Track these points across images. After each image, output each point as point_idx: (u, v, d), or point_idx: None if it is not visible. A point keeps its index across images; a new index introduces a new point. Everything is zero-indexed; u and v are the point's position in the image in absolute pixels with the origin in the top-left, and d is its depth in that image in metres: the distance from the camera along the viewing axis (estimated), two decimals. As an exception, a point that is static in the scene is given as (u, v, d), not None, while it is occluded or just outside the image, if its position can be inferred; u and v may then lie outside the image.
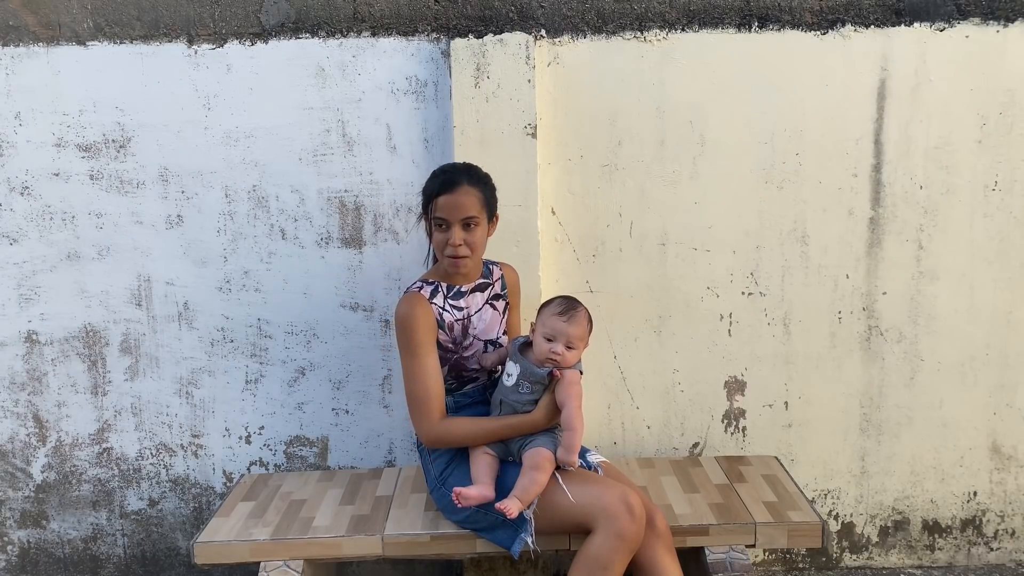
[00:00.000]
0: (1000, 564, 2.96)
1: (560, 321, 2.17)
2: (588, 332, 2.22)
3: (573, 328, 2.17)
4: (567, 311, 2.19)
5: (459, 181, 2.21)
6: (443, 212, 2.20)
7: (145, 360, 2.83)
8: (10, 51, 2.67)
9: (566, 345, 2.16)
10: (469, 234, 2.23)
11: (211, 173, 2.73)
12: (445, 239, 2.22)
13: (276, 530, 2.34)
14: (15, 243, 2.77)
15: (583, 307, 2.23)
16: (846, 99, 2.71)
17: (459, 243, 2.21)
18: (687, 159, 2.73)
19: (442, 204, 2.20)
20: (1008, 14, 2.67)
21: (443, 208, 2.20)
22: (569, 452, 2.11)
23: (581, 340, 2.19)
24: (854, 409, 2.87)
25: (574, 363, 2.19)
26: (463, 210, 2.20)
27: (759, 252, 2.78)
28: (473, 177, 2.25)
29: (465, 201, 2.20)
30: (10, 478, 2.89)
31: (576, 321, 2.18)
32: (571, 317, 2.18)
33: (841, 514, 2.94)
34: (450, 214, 2.20)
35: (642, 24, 2.67)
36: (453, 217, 2.20)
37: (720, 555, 2.30)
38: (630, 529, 2.02)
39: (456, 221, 2.20)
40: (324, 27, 2.67)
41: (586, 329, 2.21)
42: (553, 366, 2.16)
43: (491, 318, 2.38)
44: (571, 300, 2.24)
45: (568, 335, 2.16)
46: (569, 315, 2.18)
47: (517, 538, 2.12)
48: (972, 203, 2.76)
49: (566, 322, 2.17)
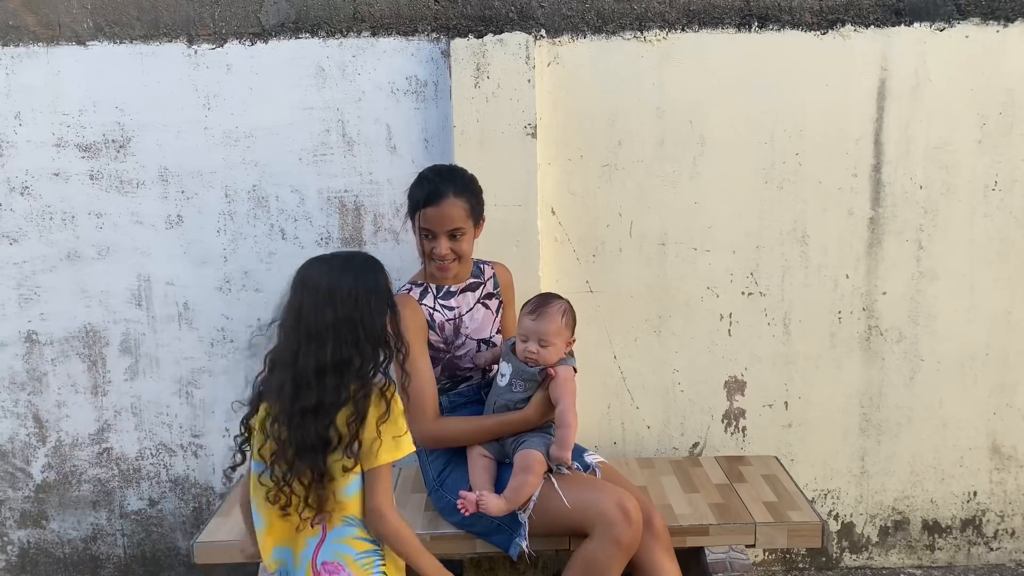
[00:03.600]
0: (1000, 564, 2.96)
1: (529, 320, 2.17)
2: (566, 326, 2.18)
3: (542, 325, 2.15)
4: (535, 309, 2.18)
5: (445, 193, 2.20)
6: (429, 224, 2.22)
7: (145, 360, 2.83)
8: (10, 51, 2.67)
9: (539, 343, 2.14)
10: (456, 243, 2.25)
11: (211, 173, 2.73)
12: (431, 247, 2.24)
13: (276, 530, 2.34)
14: (15, 243, 2.77)
15: (558, 302, 2.19)
16: (846, 99, 2.70)
17: (445, 253, 2.24)
18: (687, 159, 2.73)
19: (429, 216, 2.21)
20: (1008, 14, 2.67)
21: (429, 220, 2.21)
22: (563, 448, 2.11)
23: (556, 336, 2.15)
24: (854, 409, 2.87)
25: (556, 360, 2.17)
26: (449, 222, 2.21)
27: (759, 252, 2.78)
28: (459, 187, 2.24)
29: (451, 213, 2.21)
30: (10, 478, 2.89)
31: (545, 318, 2.15)
32: (539, 315, 2.16)
33: (841, 514, 2.94)
34: (436, 226, 2.21)
35: (642, 24, 2.67)
36: (439, 229, 2.22)
37: (720, 555, 2.30)
38: (626, 535, 2.02)
39: (442, 232, 2.22)
40: (324, 27, 2.67)
41: (558, 324, 2.16)
42: (535, 365, 2.16)
43: (483, 317, 2.38)
44: (543, 297, 2.23)
45: (539, 332, 2.15)
46: (537, 313, 2.17)
47: (512, 541, 2.12)
48: (972, 203, 2.76)
49: (535, 320, 2.16)
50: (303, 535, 1.80)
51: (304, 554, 1.80)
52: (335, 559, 1.79)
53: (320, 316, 1.70)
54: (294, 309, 1.73)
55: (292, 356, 1.71)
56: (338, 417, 1.71)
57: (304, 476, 1.72)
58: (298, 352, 1.70)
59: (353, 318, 1.71)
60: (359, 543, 1.80)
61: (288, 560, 1.83)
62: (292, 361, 1.71)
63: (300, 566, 1.80)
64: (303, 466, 1.70)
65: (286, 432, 1.71)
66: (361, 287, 1.73)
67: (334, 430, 1.71)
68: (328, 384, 1.70)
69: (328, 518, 1.78)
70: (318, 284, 1.72)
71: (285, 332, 1.74)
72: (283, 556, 1.84)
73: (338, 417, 1.71)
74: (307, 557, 1.80)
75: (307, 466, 1.70)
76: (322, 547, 1.80)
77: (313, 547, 1.80)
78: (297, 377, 1.70)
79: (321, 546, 1.80)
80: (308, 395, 1.70)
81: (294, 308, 1.73)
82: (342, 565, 1.78)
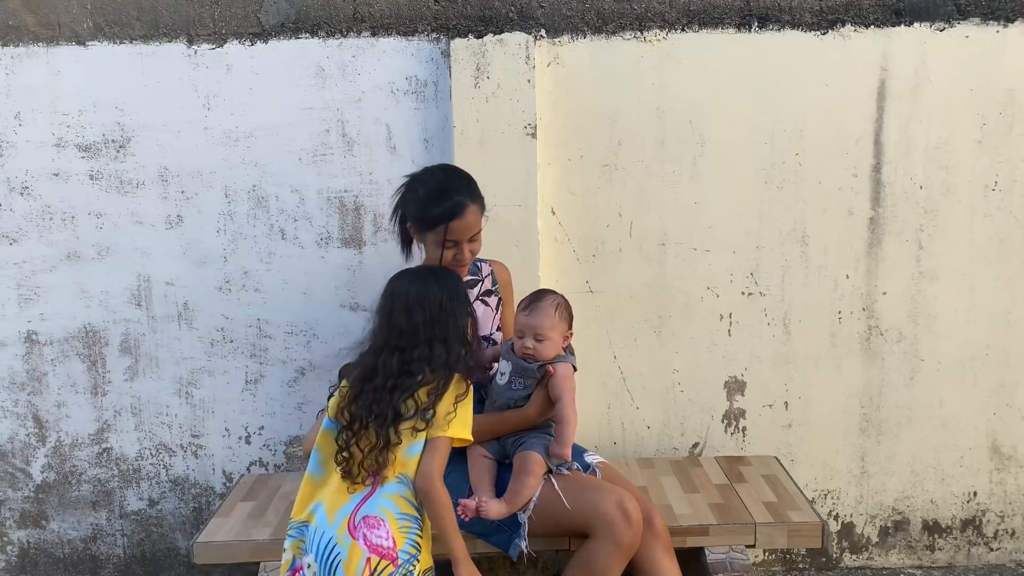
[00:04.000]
0: (1000, 564, 2.96)
1: (523, 316, 2.18)
2: (560, 319, 2.18)
3: (536, 319, 2.15)
4: (528, 304, 2.19)
5: (465, 204, 2.23)
6: (455, 236, 2.24)
7: (145, 360, 2.83)
8: (10, 51, 2.67)
9: (535, 338, 2.15)
10: (474, 243, 2.29)
11: (211, 173, 2.73)
12: (454, 254, 2.27)
13: (276, 530, 2.34)
14: (15, 243, 2.77)
15: (551, 296, 2.20)
16: (846, 99, 2.70)
17: (470, 257, 2.29)
18: (687, 159, 2.73)
19: (454, 229, 2.23)
20: (1008, 14, 2.67)
21: (456, 232, 2.24)
22: (562, 446, 2.11)
23: (551, 330, 2.15)
24: (854, 409, 2.87)
25: (553, 355, 2.17)
26: (472, 229, 2.26)
27: (759, 252, 2.78)
28: (471, 192, 2.28)
29: (472, 220, 2.26)
30: (10, 478, 2.89)
31: (538, 313, 2.16)
32: (532, 310, 2.17)
33: (841, 514, 2.94)
34: (462, 236, 2.25)
35: (642, 24, 2.67)
36: (464, 237, 2.25)
37: (720, 555, 2.30)
38: (627, 536, 2.02)
39: (465, 240, 2.26)
40: (324, 27, 2.67)
41: (552, 319, 2.16)
42: (533, 361, 2.16)
43: (482, 314, 2.39)
44: (537, 293, 2.24)
45: (533, 327, 2.15)
46: (531, 308, 2.18)
47: (512, 542, 2.12)
48: (972, 203, 2.76)
49: (528, 316, 2.17)
50: (352, 490, 1.93)
51: (343, 509, 1.90)
52: (378, 513, 1.89)
53: (411, 316, 1.98)
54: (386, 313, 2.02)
55: (383, 344, 1.98)
56: (420, 391, 1.94)
57: (367, 443, 1.91)
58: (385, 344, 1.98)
59: (442, 318, 1.99)
60: (404, 503, 1.93)
61: (320, 520, 1.91)
62: (382, 348, 1.98)
63: (334, 522, 1.90)
64: (370, 433, 1.91)
65: (358, 404, 1.94)
66: (445, 293, 2.02)
67: (412, 402, 1.93)
68: (414, 369, 1.95)
69: (383, 475, 1.93)
70: (407, 292, 2.01)
71: (378, 328, 2.02)
72: (317, 513, 1.92)
73: (420, 391, 1.94)
74: (345, 513, 1.90)
75: (374, 433, 1.91)
76: (367, 501, 1.91)
77: (357, 502, 1.91)
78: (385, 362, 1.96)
79: (367, 500, 1.91)
80: (388, 375, 1.94)
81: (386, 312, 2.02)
82: (383, 520, 1.88)
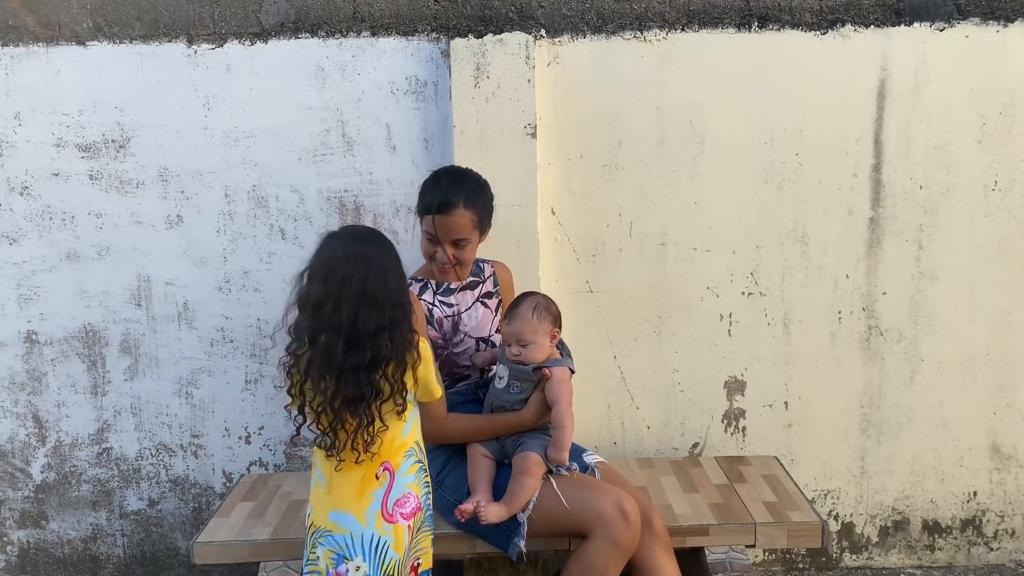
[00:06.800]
0: (1000, 564, 2.96)
1: (504, 325, 2.19)
2: (540, 320, 2.15)
3: (515, 326, 2.15)
4: (508, 312, 2.20)
5: (455, 204, 2.19)
6: (435, 231, 2.21)
7: (145, 360, 2.83)
8: (10, 51, 2.67)
9: (519, 344, 2.15)
10: (459, 251, 2.25)
11: (211, 173, 2.73)
12: (434, 251, 2.25)
13: (276, 530, 2.34)
14: (15, 243, 2.77)
15: (529, 299, 2.18)
16: (846, 99, 2.70)
17: (446, 260, 2.24)
18: (687, 159, 2.73)
19: (435, 223, 2.20)
20: (1008, 14, 2.67)
21: (436, 227, 2.21)
22: (559, 450, 2.11)
23: (533, 333, 2.14)
24: (854, 409, 2.87)
25: (544, 356, 2.17)
26: (455, 232, 2.21)
27: (759, 252, 2.78)
28: (470, 197, 2.22)
29: (458, 223, 2.20)
30: (10, 478, 2.89)
31: (517, 319, 2.15)
32: (511, 317, 2.17)
33: (841, 514, 2.94)
34: (442, 234, 2.21)
35: (642, 24, 2.67)
36: (445, 237, 2.22)
37: (720, 555, 2.30)
38: (625, 536, 2.02)
39: (447, 240, 2.22)
40: (324, 27, 2.67)
41: (532, 323, 2.14)
42: (521, 366, 2.16)
43: (483, 316, 2.38)
44: (517, 299, 2.23)
45: (515, 334, 2.15)
46: (510, 316, 2.18)
47: (511, 542, 2.13)
48: (972, 203, 2.76)
49: (508, 324, 2.17)
50: (369, 489, 1.91)
51: (371, 508, 1.91)
52: (404, 491, 1.94)
53: (382, 286, 1.83)
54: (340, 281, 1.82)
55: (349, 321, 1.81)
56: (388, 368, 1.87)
57: (349, 424, 1.86)
58: (356, 318, 1.81)
59: (402, 286, 1.90)
60: (414, 466, 1.97)
61: (351, 526, 1.90)
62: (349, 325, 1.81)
63: (368, 522, 1.90)
64: (349, 413, 1.85)
65: (334, 386, 1.83)
66: (394, 257, 1.89)
67: (384, 380, 1.87)
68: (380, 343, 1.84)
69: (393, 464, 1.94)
70: (370, 257, 1.84)
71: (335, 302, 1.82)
72: (343, 521, 1.90)
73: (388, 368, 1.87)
74: (375, 510, 1.91)
75: (353, 413, 1.85)
76: (391, 490, 1.93)
77: (381, 496, 1.92)
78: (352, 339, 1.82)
79: (391, 490, 1.93)
80: (361, 354, 1.82)
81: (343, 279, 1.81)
82: (409, 494, 1.95)
